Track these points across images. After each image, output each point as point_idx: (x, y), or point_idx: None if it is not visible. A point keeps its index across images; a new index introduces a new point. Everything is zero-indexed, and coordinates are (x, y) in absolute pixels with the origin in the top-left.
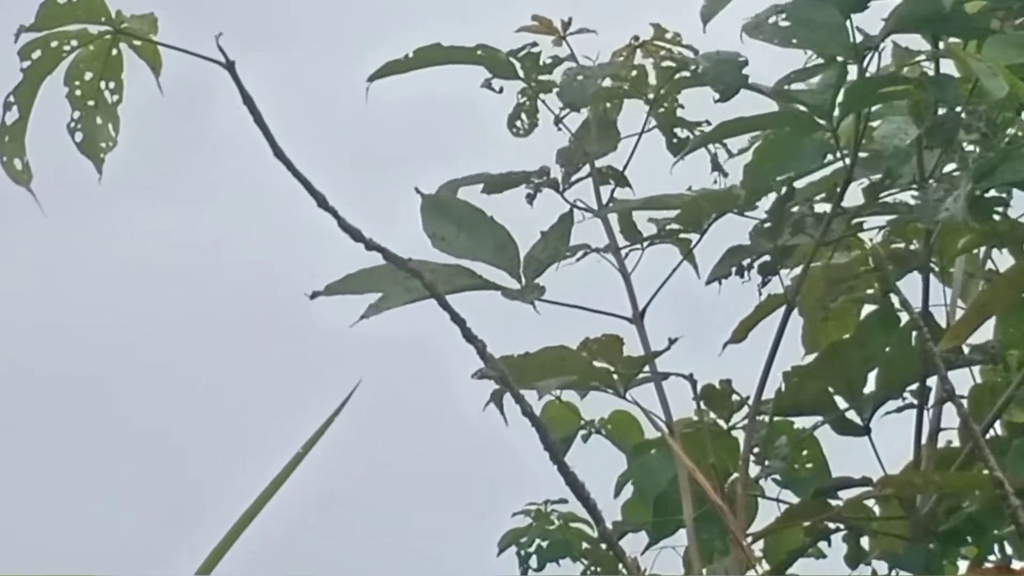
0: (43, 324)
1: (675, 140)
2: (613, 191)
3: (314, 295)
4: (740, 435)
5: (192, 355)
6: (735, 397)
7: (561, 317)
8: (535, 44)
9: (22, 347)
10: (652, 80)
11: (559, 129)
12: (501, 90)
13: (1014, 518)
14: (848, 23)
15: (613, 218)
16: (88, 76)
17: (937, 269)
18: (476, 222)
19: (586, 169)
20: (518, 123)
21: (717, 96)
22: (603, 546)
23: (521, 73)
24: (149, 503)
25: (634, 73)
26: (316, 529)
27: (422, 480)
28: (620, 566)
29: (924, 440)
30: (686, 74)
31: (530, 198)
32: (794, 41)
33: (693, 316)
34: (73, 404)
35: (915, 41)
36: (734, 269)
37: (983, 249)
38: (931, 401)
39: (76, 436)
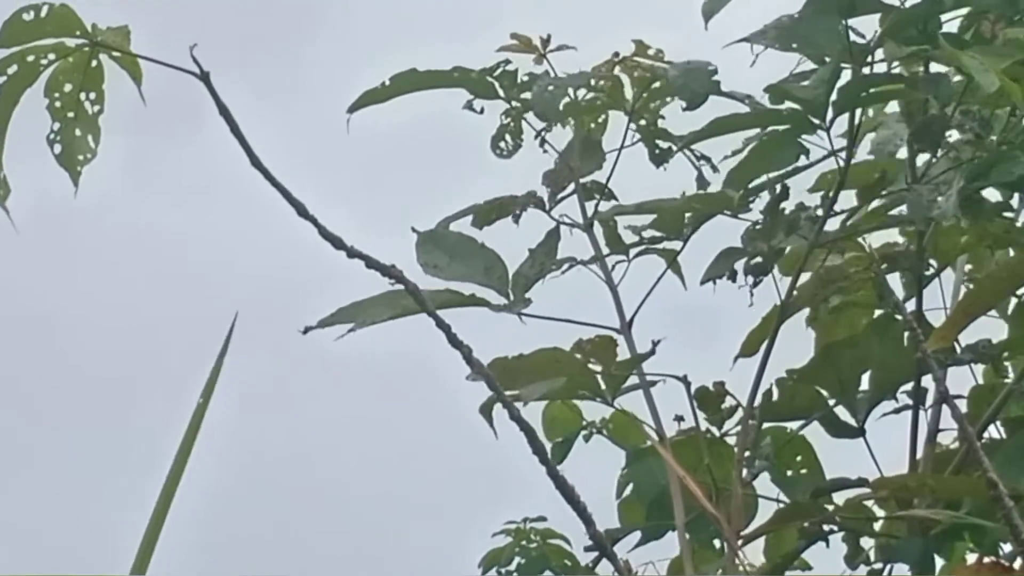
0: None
1: (657, 151)
2: (597, 204)
3: (306, 330)
4: (733, 441)
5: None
6: (729, 402)
7: (550, 332)
8: (508, 62)
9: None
10: (629, 92)
11: (544, 150)
12: (482, 111)
13: (1008, 520)
14: (845, 29)
15: (599, 230)
16: (68, 88)
17: (932, 270)
18: (468, 250)
19: (572, 186)
20: (502, 144)
21: (685, 105)
22: (583, 562)
23: (501, 92)
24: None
25: (609, 84)
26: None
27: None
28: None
29: (922, 441)
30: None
31: (516, 218)
32: (794, 45)
33: (683, 325)
34: (81, 404)
35: None
36: (727, 271)
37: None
38: (928, 402)
39: (83, 436)
